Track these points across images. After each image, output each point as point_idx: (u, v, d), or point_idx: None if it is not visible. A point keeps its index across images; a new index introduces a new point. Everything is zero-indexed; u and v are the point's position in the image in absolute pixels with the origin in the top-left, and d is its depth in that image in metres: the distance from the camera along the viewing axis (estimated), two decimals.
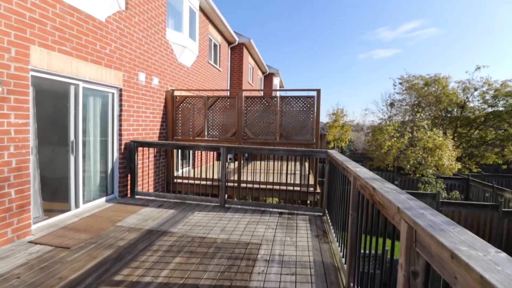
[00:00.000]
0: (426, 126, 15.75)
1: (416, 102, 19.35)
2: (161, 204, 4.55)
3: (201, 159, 7.27)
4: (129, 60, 5.02)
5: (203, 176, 6.40)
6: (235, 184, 5.70)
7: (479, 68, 18.13)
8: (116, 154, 4.77)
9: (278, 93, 18.51)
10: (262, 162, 8.11)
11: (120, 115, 4.78)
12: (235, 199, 5.76)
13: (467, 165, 16.93)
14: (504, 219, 9.03)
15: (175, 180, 6.02)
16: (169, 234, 3.37)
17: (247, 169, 6.93)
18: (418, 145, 14.24)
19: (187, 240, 3.21)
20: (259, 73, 17.32)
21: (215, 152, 8.99)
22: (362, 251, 1.98)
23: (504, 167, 17.51)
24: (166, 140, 6.34)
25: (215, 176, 6.01)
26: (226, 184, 4.53)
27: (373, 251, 1.77)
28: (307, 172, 6.89)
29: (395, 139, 15.34)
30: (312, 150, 4.23)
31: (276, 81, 20.79)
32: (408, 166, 14.03)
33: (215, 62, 10.71)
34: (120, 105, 4.79)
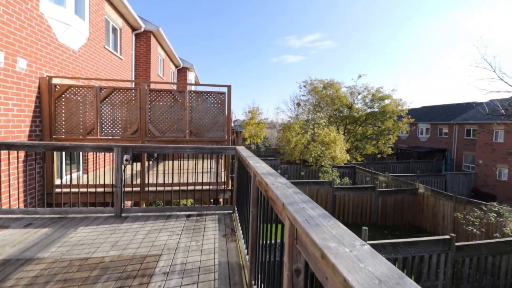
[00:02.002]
0: (324, 124, 18.21)
1: (317, 102, 22.14)
2: (29, 223, 3.52)
3: (97, 162, 6.13)
4: None
5: (100, 182, 5.38)
6: (140, 189, 5.01)
7: (360, 76, 22.26)
8: None
9: (189, 88, 17.79)
10: (176, 162, 7.53)
11: None
12: (141, 206, 5.10)
13: (354, 156, 20.52)
14: (379, 197, 11.32)
15: (57, 190, 4.85)
16: (36, 262, 2.60)
17: (157, 170, 6.25)
18: (317, 140, 16.30)
19: (61, 265, 2.54)
20: (172, 66, 16.18)
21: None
22: (265, 245, 1.93)
23: (379, 156, 22.12)
24: (41, 140, 5.01)
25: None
26: (123, 189, 3.89)
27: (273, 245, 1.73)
28: (222, 170, 6.78)
29: (300, 135, 17.11)
30: (220, 147, 4.10)
31: (191, 76, 19.93)
32: (311, 158, 15.91)
33: (115, 48, 9.30)
34: None
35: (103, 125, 5.29)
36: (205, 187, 4.97)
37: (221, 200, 5.29)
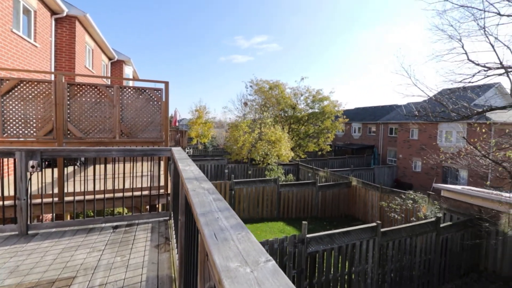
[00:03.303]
0: (270, 123, 18.73)
1: (263, 102, 22.68)
2: None
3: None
4: None
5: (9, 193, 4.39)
6: (59, 199, 4.26)
7: (303, 78, 23.61)
8: None
9: (126, 84, 16.26)
10: (110, 165, 6.68)
11: None
12: (65, 219, 4.35)
13: (298, 153, 21.64)
14: (319, 192, 12.12)
15: None
16: None
17: (85, 175, 5.43)
18: (264, 139, 16.67)
19: None
20: (104, 58, 14.50)
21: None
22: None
23: (319, 153, 23.80)
24: None
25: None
26: (30, 202, 3.23)
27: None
28: (162, 172, 6.29)
29: (247, 134, 17.26)
30: (154, 149, 3.74)
31: (128, 71, 18.21)
32: (258, 157, 16.19)
33: (28, 34, 7.84)
34: None
35: (5, 124, 4.35)
36: (142, 193, 4.51)
37: (159, 206, 4.89)
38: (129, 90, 5.19)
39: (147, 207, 4.97)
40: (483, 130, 9.52)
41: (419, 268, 6.82)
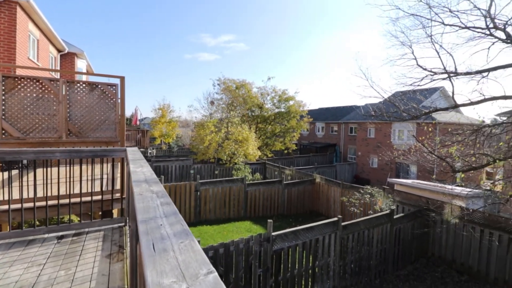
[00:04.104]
0: (237, 122, 18.63)
1: (230, 102, 22.48)
2: None
3: None
4: None
5: None
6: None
7: (269, 78, 23.92)
8: None
9: (79, 78, 14.91)
10: (62, 168, 6.01)
11: None
12: (3, 230, 3.78)
13: (265, 152, 21.88)
14: (285, 190, 12.35)
15: None
16: None
17: (27, 180, 4.77)
18: (231, 138, 16.54)
19: None
20: (52, 50, 13.09)
21: None
22: None
23: (286, 151, 24.34)
24: None
25: None
26: None
27: None
28: (119, 175, 5.83)
29: (214, 134, 16.96)
30: (106, 149, 3.43)
31: (81, 64, 16.70)
32: (225, 157, 16.00)
33: None
34: None
35: None
36: (96, 197, 4.12)
37: (114, 211, 4.51)
38: (79, 85, 4.72)
39: (100, 213, 4.57)
40: (430, 129, 10.53)
41: (376, 258, 7.29)
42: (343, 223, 6.66)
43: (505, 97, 5.92)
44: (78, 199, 3.70)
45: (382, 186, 10.28)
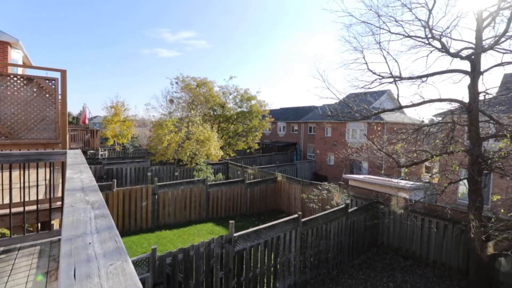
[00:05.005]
0: (198, 122, 18.12)
1: (191, 100, 21.78)
2: None
3: None
4: None
5: None
6: None
7: (232, 77, 23.77)
8: None
9: (13, 71, 13.03)
10: None
11: None
12: None
13: (227, 152, 21.68)
14: (248, 189, 12.37)
15: None
16: None
17: None
18: (192, 138, 16.03)
19: None
20: None
21: None
22: None
23: (248, 151, 24.44)
24: None
25: None
26: None
27: None
28: (60, 181, 5.19)
29: (174, 133, 16.25)
30: (41, 152, 3.00)
31: (16, 56, 14.54)
32: (186, 157, 15.45)
33: None
34: None
35: None
36: (31, 207, 3.58)
37: (55, 222, 4.00)
38: (9, 78, 4.09)
39: (37, 225, 4.02)
40: (379, 128, 11.48)
41: (333, 250, 7.69)
42: (303, 219, 6.88)
43: (440, 100, 6.71)
44: (7, 211, 3.19)
45: (338, 182, 10.90)
